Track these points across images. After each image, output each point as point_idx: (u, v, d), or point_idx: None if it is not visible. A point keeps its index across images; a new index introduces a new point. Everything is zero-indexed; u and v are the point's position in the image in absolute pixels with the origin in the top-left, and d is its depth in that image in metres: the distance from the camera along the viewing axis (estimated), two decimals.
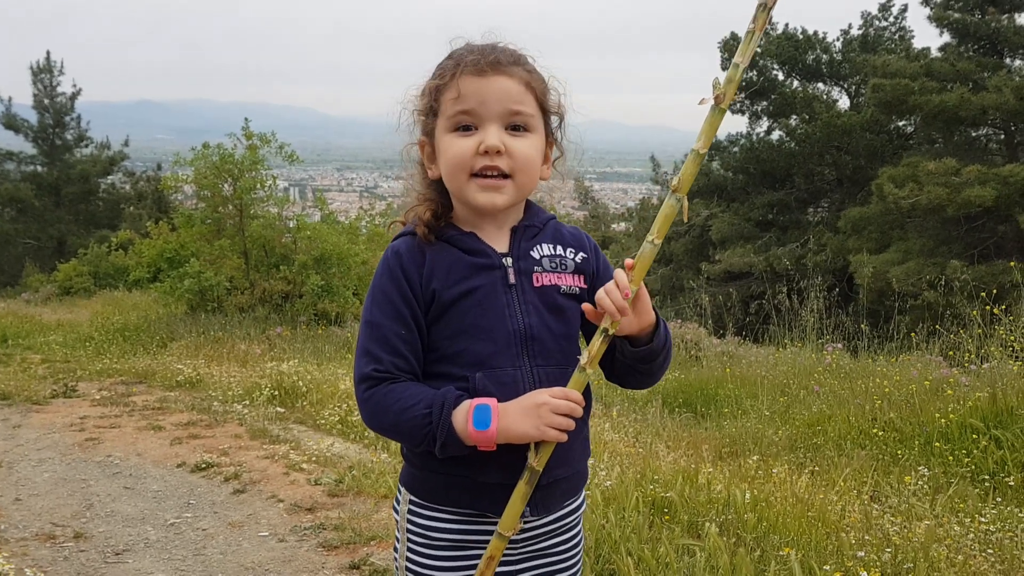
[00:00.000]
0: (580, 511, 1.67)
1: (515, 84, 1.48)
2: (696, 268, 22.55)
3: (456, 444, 1.44)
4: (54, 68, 31.52)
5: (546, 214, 1.64)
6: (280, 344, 10.36)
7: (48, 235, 30.40)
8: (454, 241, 1.55)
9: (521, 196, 1.56)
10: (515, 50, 1.53)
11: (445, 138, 1.51)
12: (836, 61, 24.04)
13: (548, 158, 1.60)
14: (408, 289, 1.51)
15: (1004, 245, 17.61)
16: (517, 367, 1.50)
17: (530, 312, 1.52)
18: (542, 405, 1.42)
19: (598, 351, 1.45)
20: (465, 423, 1.43)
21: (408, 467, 1.61)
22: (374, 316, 1.52)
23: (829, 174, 23.33)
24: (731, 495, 3.66)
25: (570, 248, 1.61)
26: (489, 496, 1.50)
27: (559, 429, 1.42)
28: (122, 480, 5.02)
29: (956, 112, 18.24)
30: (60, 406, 7.26)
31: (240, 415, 6.70)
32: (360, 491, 4.61)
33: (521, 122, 1.50)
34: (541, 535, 1.59)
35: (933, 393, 5.62)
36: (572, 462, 1.57)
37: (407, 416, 1.45)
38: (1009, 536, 3.52)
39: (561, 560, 1.63)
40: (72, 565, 3.72)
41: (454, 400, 1.45)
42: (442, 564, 1.55)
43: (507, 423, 1.42)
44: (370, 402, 1.49)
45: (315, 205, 15.84)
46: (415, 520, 1.58)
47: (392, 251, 1.55)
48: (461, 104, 1.48)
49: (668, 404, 7.24)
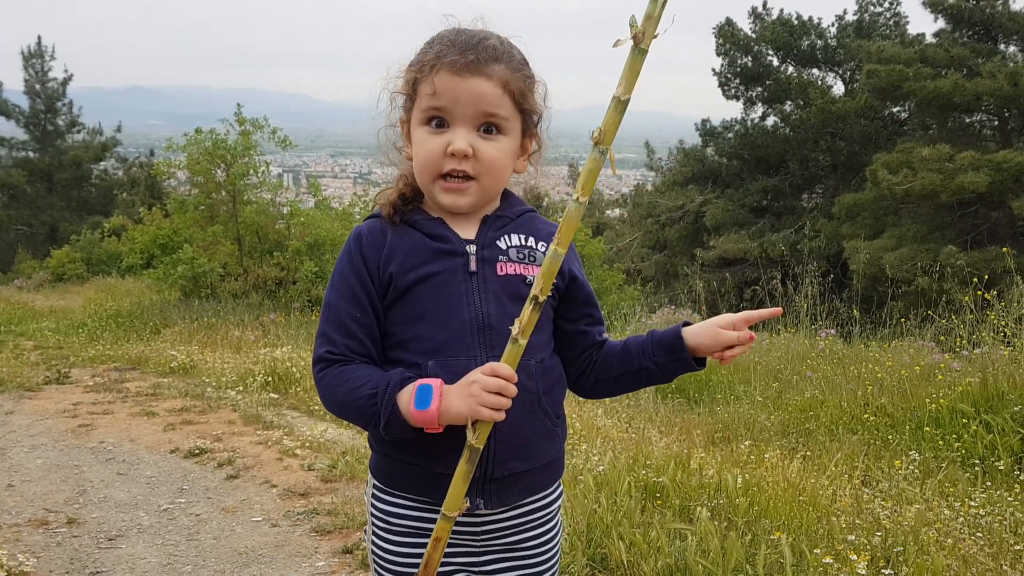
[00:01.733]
0: (555, 505, 1.63)
1: (491, 87, 1.45)
2: (690, 254, 22.57)
3: (400, 425, 1.43)
4: (45, 53, 31.39)
5: (523, 206, 1.62)
6: (274, 330, 10.36)
7: (40, 221, 30.32)
8: (418, 225, 1.53)
9: (487, 197, 1.54)
10: (501, 44, 1.49)
11: (418, 130, 1.50)
12: (831, 47, 24.02)
13: (527, 149, 1.58)
14: (365, 271, 1.50)
15: (997, 231, 17.65)
16: (471, 357, 1.47)
17: (489, 301, 1.50)
18: (473, 383, 1.39)
19: (529, 320, 1.38)
20: (408, 403, 1.42)
21: (372, 454, 1.62)
22: (332, 298, 1.52)
23: (823, 160, 23.34)
24: (723, 480, 3.67)
25: (542, 242, 1.57)
26: (441, 485, 1.47)
27: (491, 407, 1.38)
28: (115, 466, 5.03)
29: (950, 98, 18.25)
30: (53, 392, 7.25)
31: (233, 401, 6.70)
32: (353, 476, 4.63)
33: (494, 123, 1.48)
34: (507, 529, 1.57)
35: (924, 378, 5.64)
36: (532, 456, 1.53)
37: (354, 396, 1.45)
38: (998, 520, 3.54)
39: (534, 555, 1.60)
40: (65, 551, 3.73)
41: (399, 381, 1.44)
42: (400, 549, 1.56)
43: (447, 404, 1.40)
44: (323, 383, 1.50)
45: (309, 191, 15.82)
46: (377, 505, 1.59)
47: (355, 233, 1.55)
48: (435, 100, 1.46)
49: (661, 390, 7.25)
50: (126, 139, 36.81)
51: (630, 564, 3.03)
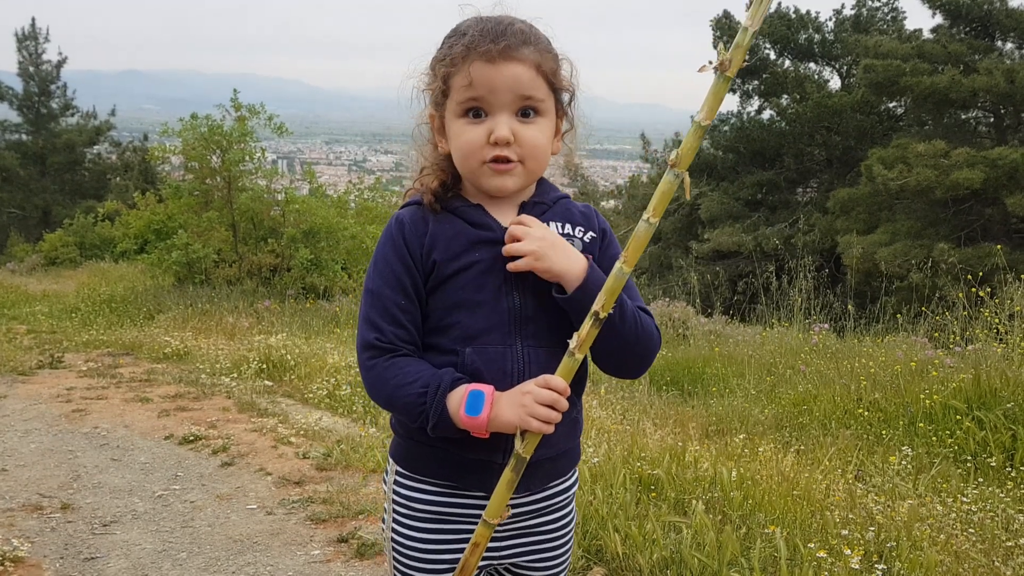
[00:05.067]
0: (571, 491, 1.66)
1: (526, 70, 1.46)
2: (685, 247, 22.60)
3: (448, 426, 1.44)
4: (39, 35, 31.19)
5: (557, 192, 1.62)
6: (268, 317, 10.35)
7: (33, 205, 30.20)
8: (459, 212, 1.54)
9: (531, 179, 1.55)
10: (525, 27, 1.49)
11: (456, 123, 1.50)
12: (828, 41, 24.00)
13: (559, 130, 1.58)
14: (410, 258, 1.50)
15: (991, 228, 17.70)
16: (508, 345, 1.49)
17: (527, 291, 1.51)
18: (526, 394, 1.42)
19: (587, 335, 1.40)
20: (458, 407, 1.43)
21: (396, 438, 1.62)
22: (376, 285, 1.52)
23: (819, 154, 23.35)
24: (717, 473, 3.69)
25: (579, 227, 1.58)
26: (470, 471, 1.51)
27: (541, 419, 1.40)
28: (109, 452, 5.02)
29: (946, 94, 18.27)
30: (46, 377, 7.24)
31: (228, 388, 6.69)
32: (348, 465, 4.63)
33: (532, 105, 1.49)
34: (529, 513, 1.59)
35: (918, 374, 5.66)
36: (555, 443, 1.54)
37: (403, 392, 1.46)
38: (990, 516, 3.56)
39: (551, 539, 1.63)
40: (59, 536, 3.73)
41: (450, 383, 1.45)
42: (425, 536, 1.56)
43: (497, 411, 1.42)
44: (372, 372, 1.50)
45: (303, 178, 15.77)
46: (400, 491, 1.59)
47: (396, 220, 1.54)
48: (472, 91, 1.46)
49: (655, 382, 7.27)
50: (120, 123, 36.65)
51: (625, 556, 3.05)
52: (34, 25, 31.20)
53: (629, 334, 1.49)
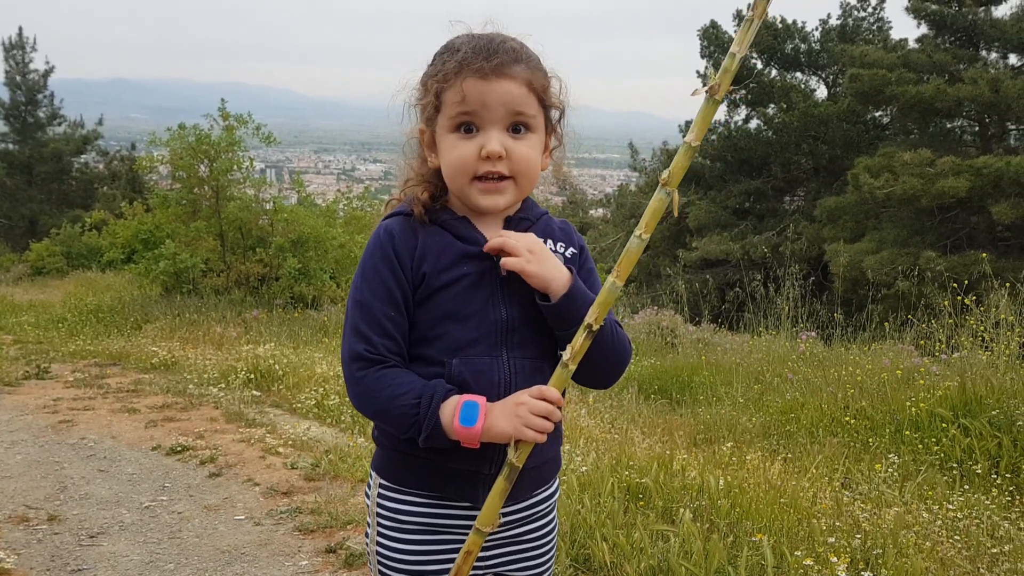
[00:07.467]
0: (553, 498, 1.68)
1: (518, 87, 1.48)
2: (673, 255, 22.67)
3: (440, 437, 1.45)
4: (26, 44, 31.08)
5: (540, 209, 1.64)
6: (256, 327, 10.32)
7: (20, 214, 30.03)
8: (447, 226, 1.55)
9: (522, 195, 1.57)
10: (517, 45, 1.51)
11: (447, 138, 1.51)
12: (815, 51, 24.18)
13: (548, 147, 1.60)
14: (400, 269, 1.51)
15: (976, 236, 17.84)
16: (495, 356, 1.51)
17: (514, 304, 1.52)
18: (521, 404, 1.44)
19: (581, 347, 1.43)
20: (452, 418, 1.44)
21: (379, 450, 1.62)
22: (364, 295, 1.52)
23: (806, 163, 23.51)
24: (705, 481, 3.70)
25: (560, 243, 1.61)
26: (456, 482, 1.52)
27: (536, 430, 1.43)
28: (96, 463, 5.00)
29: (932, 103, 18.43)
30: (33, 387, 7.20)
31: (216, 398, 6.67)
32: (336, 475, 4.62)
33: (523, 122, 1.51)
34: (513, 522, 1.60)
35: (904, 382, 5.70)
36: (539, 453, 1.55)
37: (395, 404, 1.46)
38: (976, 523, 3.59)
39: (536, 546, 1.65)
40: (46, 548, 3.71)
41: (443, 393, 1.46)
42: (411, 548, 1.56)
43: (491, 422, 1.44)
44: (361, 384, 1.50)
45: (292, 187, 15.73)
46: (385, 504, 1.59)
47: (385, 230, 1.54)
48: (464, 106, 1.48)
49: (644, 391, 7.29)
50: (107, 132, 36.52)
51: (613, 565, 3.05)
52: (21, 34, 31.12)
53: (608, 347, 1.52)
